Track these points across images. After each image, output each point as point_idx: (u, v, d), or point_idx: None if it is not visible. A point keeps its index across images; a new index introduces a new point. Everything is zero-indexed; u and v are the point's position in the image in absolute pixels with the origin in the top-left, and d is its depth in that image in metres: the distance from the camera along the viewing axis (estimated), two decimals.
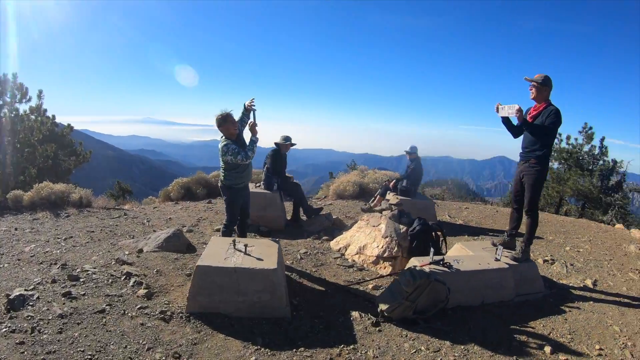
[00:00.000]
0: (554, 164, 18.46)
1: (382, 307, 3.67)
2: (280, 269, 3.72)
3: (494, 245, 4.65)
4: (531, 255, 4.75)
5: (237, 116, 4.41)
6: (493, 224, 8.21)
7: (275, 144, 6.91)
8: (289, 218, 7.23)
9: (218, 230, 6.04)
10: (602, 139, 16.31)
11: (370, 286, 4.51)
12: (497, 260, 4.28)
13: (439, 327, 3.58)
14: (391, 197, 7.85)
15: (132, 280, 3.94)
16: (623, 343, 3.61)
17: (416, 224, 5.10)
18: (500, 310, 4.05)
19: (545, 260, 5.82)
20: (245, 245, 3.89)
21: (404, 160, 8.26)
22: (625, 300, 4.61)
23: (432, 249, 4.24)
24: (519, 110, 3.95)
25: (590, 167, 17.27)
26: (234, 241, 3.93)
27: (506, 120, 4.30)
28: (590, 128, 16.42)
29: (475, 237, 6.95)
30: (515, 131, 4.39)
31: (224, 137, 4.28)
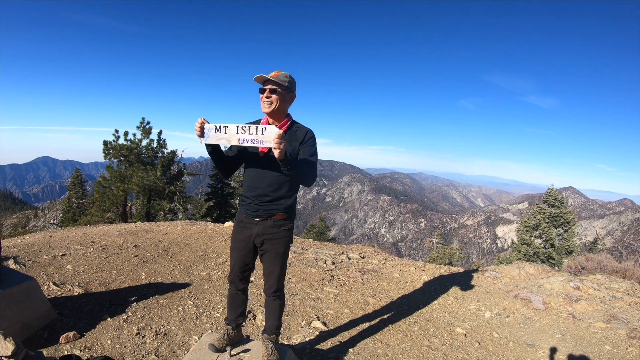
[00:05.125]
0: (114, 162, 16.93)
1: None
2: None
3: (219, 350, 2.77)
4: None
5: None
6: (131, 277, 5.18)
7: None
8: None
9: None
10: (160, 132, 16.42)
11: None
12: None
13: None
14: None
15: None
16: None
17: None
18: None
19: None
20: None
21: None
22: None
23: None
24: (281, 138, 2.19)
25: (152, 161, 17.08)
26: None
27: (217, 151, 2.57)
28: (148, 123, 16.13)
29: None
30: (230, 168, 2.72)
31: None
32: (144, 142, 16.31)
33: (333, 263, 6.71)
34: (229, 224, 9.57)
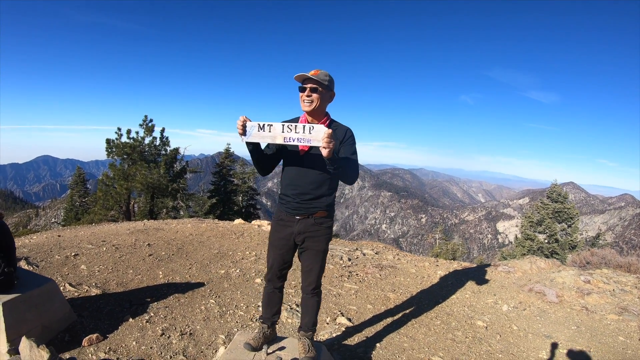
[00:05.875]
0: (117, 160, 16.90)
1: None
2: None
3: (255, 349, 2.73)
4: None
5: None
6: (148, 277, 5.15)
7: None
8: None
9: None
10: (162, 130, 16.38)
11: None
12: None
13: None
14: None
15: None
16: None
17: None
18: None
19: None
20: None
21: None
22: None
23: None
24: (331, 137, 2.17)
25: (155, 159, 17.05)
26: None
27: (258, 149, 2.51)
28: (151, 120, 16.09)
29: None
30: (270, 166, 2.68)
31: None
32: (147, 140, 16.28)
33: (349, 259, 6.73)
34: (238, 221, 9.56)
